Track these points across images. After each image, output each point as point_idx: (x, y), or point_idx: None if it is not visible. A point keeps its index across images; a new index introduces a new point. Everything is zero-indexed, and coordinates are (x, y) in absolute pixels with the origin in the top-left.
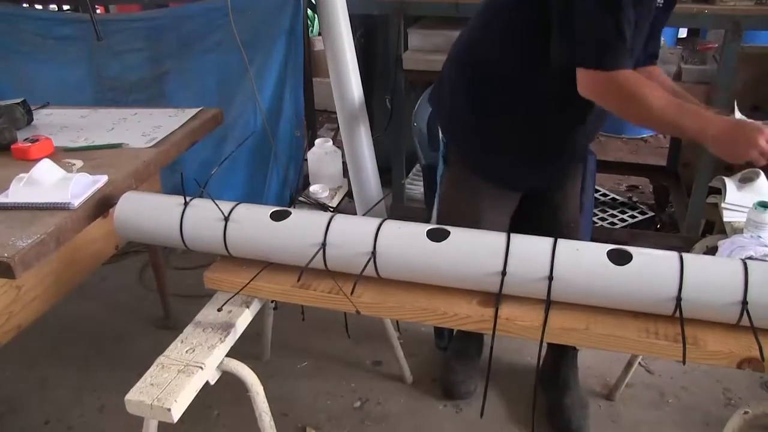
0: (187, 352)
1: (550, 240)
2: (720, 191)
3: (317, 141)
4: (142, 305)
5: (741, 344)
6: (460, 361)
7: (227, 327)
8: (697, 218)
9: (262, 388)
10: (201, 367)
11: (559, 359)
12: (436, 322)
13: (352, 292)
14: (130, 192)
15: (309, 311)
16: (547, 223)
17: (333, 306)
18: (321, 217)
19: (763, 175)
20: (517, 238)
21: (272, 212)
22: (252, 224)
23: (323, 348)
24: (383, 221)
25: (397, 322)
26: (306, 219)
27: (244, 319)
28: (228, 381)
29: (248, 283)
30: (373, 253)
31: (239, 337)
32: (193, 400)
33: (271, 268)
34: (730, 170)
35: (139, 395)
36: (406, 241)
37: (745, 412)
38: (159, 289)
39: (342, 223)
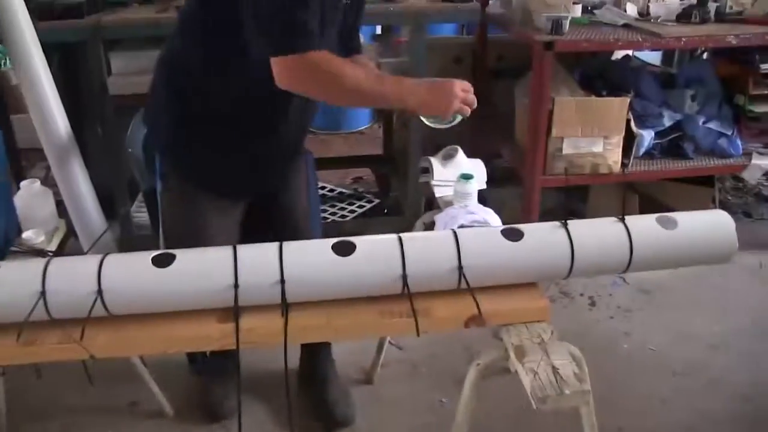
0: None
1: (275, 244)
2: (429, 170)
3: (23, 183)
4: None
5: (464, 306)
6: (218, 381)
7: None
8: (417, 198)
9: None
10: None
11: (313, 357)
12: (180, 349)
13: (81, 337)
14: None
15: (46, 368)
16: (279, 226)
17: (67, 357)
18: (36, 264)
19: (461, 150)
20: (244, 249)
21: None
22: None
23: (72, 403)
24: (104, 256)
25: (142, 357)
26: (19, 269)
27: None
28: None
29: None
30: (99, 291)
31: None
32: None
33: None
34: (434, 151)
35: None
36: (131, 273)
37: (477, 364)
38: None
39: (60, 266)
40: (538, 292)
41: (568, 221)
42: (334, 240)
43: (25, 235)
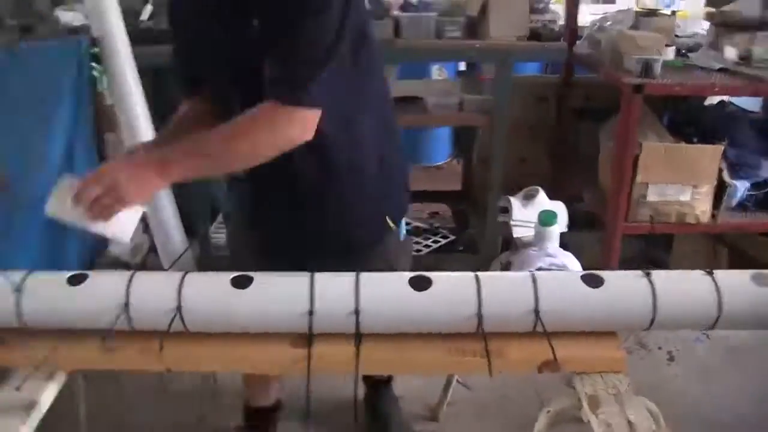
0: None
1: (352, 275)
2: (507, 210)
3: None
4: None
5: (538, 350)
6: None
7: (30, 406)
8: (493, 237)
9: None
10: None
11: (375, 394)
12: (252, 370)
13: (160, 350)
14: None
15: (124, 376)
16: None
17: (143, 367)
18: (121, 277)
19: (542, 191)
20: (321, 276)
21: (68, 277)
22: (47, 292)
23: (143, 413)
24: (185, 274)
25: (214, 374)
26: (105, 280)
27: (48, 395)
28: None
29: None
30: (179, 308)
31: (48, 415)
32: None
33: (73, 335)
34: (515, 190)
35: None
36: (210, 292)
37: (548, 411)
38: None
39: (143, 280)
40: (616, 342)
41: (651, 271)
42: (411, 274)
43: (112, 248)
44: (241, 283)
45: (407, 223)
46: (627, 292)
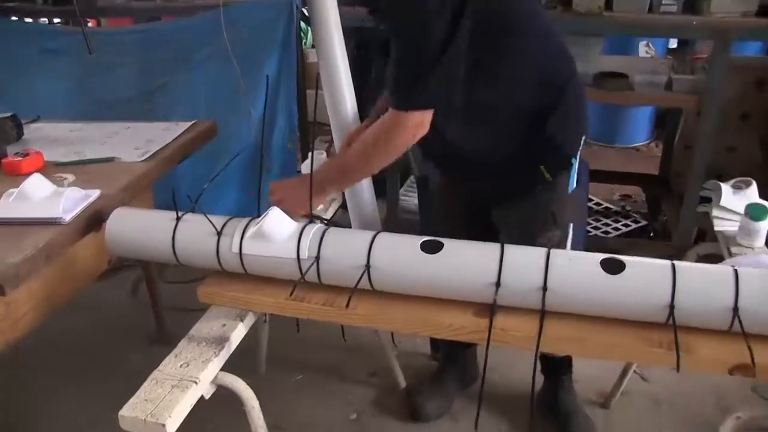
0: (181, 366)
1: (543, 250)
2: (710, 200)
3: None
4: (135, 320)
5: (732, 351)
6: (434, 384)
7: (221, 341)
8: (689, 226)
9: (257, 402)
10: (195, 382)
11: (555, 386)
12: (431, 334)
13: (347, 305)
14: (121, 208)
15: (304, 324)
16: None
17: (327, 318)
18: (315, 232)
19: (755, 184)
20: (511, 249)
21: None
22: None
23: (318, 361)
24: (377, 234)
25: (392, 334)
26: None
27: (238, 333)
28: (223, 395)
29: (241, 297)
30: (367, 266)
31: (234, 351)
32: (187, 415)
33: (265, 281)
34: (720, 178)
35: (132, 411)
36: (399, 254)
37: (738, 417)
38: (152, 303)
39: (335, 236)
40: None
41: None
42: (604, 256)
43: None
44: (431, 247)
45: (597, 204)
46: None
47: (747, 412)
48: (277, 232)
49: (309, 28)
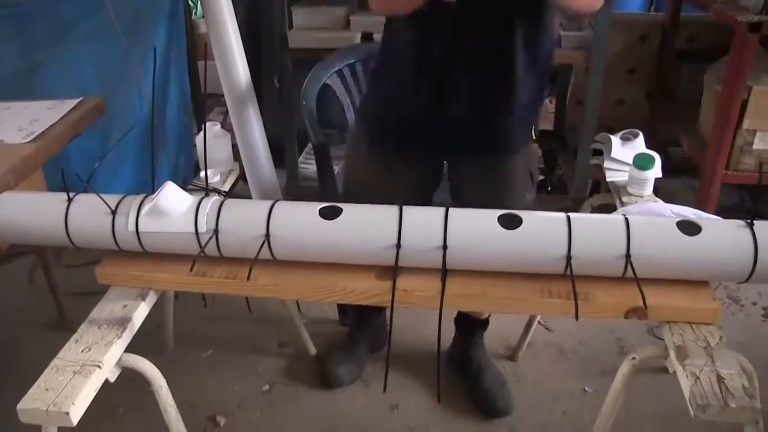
0: (82, 351)
1: (441, 209)
2: (602, 153)
3: (207, 125)
4: (34, 309)
5: (626, 296)
6: (344, 349)
7: (124, 322)
8: (583, 179)
9: (164, 381)
10: (99, 366)
11: (467, 344)
12: (336, 300)
13: (248, 277)
14: (7, 192)
15: (210, 299)
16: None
17: (230, 291)
18: (212, 203)
19: (641, 135)
20: (410, 210)
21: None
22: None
23: (228, 335)
24: (274, 203)
25: (298, 303)
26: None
27: (140, 313)
28: (133, 378)
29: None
30: (267, 235)
31: (139, 331)
32: (96, 401)
33: (165, 257)
34: (611, 131)
35: (32, 402)
36: (298, 222)
37: (633, 358)
38: (50, 289)
39: (233, 207)
40: (709, 293)
41: (755, 221)
42: (501, 212)
43: (203, 174)
44: (329, 214)
45: None
46: (725, 242)
47: (642, 353)
48: (173, 207)
49: None
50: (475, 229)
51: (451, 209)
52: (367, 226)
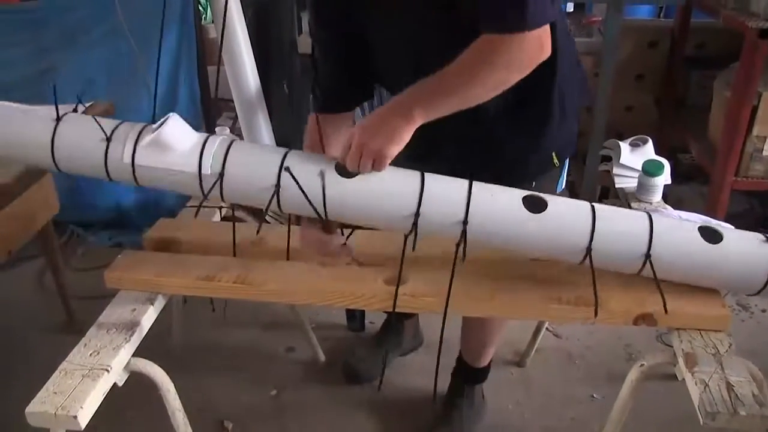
0: (91, 355)
1: (466, 182)
2: (611, 159)
3: (216, 130)
4: (43, 311)
5: (635, 302)
6: (366, 347)
7: (132, 326)
8: (592, 184)
9: (172, 385)
10: (107, 370)
11: (460, 389)
12: (345, 305)
13: (257, 232)
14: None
15: (219, 303)
16: None
17: (239, 296)
18: (219, 143)
19: (651, 142)
20: (432, 178)
21: None
22: None
23: (235, 339)
24: (287, 152)
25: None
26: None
27: (149, 317)
28: (142, 381)
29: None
30: (277, 186)
31: (147, 335)
32: (104, 404)
33: (175, 261)
34: (620, 137)
35: (41, 406)
36: (314, 176)
37: (642, 365)
38: (59, 292)
39: (243, 150)
40: (718, 300)
41: None
42: (526, 193)
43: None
44: (347, 171)
45: None
46: (744, 255)
47: (650, 360)
48: (176, 142)
49: (208, 3)
50: (497, 205)
51: (475, 184)
52: (387, 190)
